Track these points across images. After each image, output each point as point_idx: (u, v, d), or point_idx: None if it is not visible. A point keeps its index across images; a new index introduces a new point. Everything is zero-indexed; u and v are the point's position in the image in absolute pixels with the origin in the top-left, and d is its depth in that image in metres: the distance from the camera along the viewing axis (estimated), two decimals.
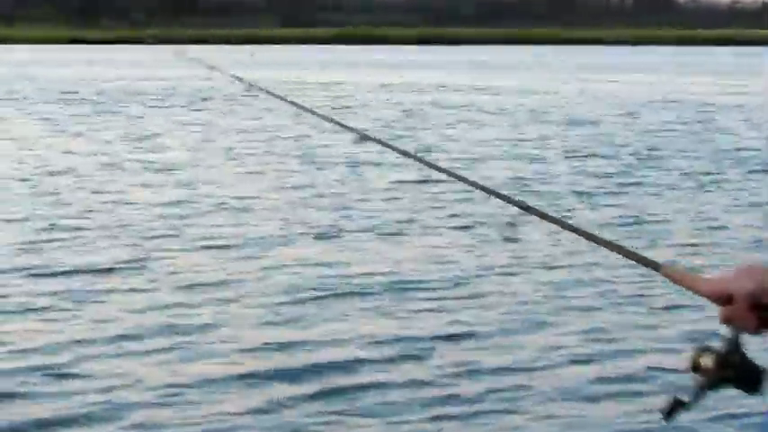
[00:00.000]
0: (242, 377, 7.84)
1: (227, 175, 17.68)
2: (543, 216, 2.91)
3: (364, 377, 7.91)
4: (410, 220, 13.81)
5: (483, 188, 3.36)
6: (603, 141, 23.24)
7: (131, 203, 14.70)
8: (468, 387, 7.75)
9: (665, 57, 72.43)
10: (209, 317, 9.29)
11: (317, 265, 11.31)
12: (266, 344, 8.59)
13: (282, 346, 8.52)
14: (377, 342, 8.68)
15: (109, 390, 7.53)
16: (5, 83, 40.92)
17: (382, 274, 10.96)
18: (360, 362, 8.21)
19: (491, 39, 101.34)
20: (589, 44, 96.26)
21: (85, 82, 41.99)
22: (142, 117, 27.86)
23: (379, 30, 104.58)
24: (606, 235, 3.50)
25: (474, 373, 8.05)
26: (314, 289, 10.29)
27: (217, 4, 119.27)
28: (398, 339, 8.76)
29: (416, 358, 8.33)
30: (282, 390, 7.62)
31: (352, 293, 10.18)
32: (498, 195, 3.13)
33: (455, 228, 13.38)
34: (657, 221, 14.14)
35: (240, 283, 10.49)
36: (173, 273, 10.84)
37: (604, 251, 2.58)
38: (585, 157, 20.67)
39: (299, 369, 8.02)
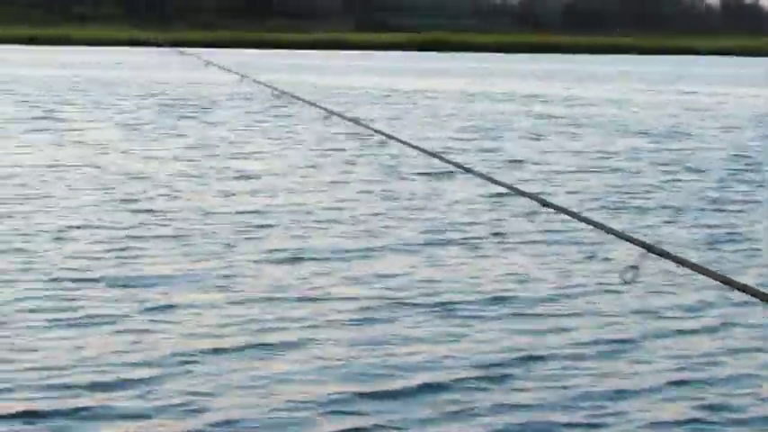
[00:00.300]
0: (327, 397, 7.57)
1: (305, 184, 17.46)
2: (676, 259, 2.60)
3: (450, 398, 7.65)
4: (494, 234, 13.51)
5: (603, 227, 3.09)
6: (696, 155, 22.82)
7: (210, 212, 14.52)
8: (557, 412, 7.46)
9: (761, 67, 71.55)
10: (292, 333, 9.04)
11: (401, 279, 11.03)
12: (351, 361, 8.33)
13: (369, 366, 8.25)
14: (463, 362, 8.40)
15: (190, 408, 7.32)
16: (79, 86, 41.26)
17: (467, 289, 10.68)
18: (447, 383, 7.93)
19: (576, 47, 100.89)
20: (678, 53, 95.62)
21: (160, 85, 42.20)
22: (218, 123, 27.80)
23: (457, 35, 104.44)
24: (698, 257, 3.22)
25: (562, 397, 7.74)
26: (399, 304, 10.02)
27: (291, 6, 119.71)
28: (484, 359, 8.47)
29: (502, 379, 8.06)
30: (369, 410, 7.38)
31: (437, 310, 9.89)
32: (620, 236, 2.85)
33: (539, 242, 13.05)
34: (749, 239, 13.72)
35: (323, 297, 10.25)
36: (253, 285, 10.61)
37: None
38: (677, 171, 20.26)
39: (385, 391, 7.74)
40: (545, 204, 3.84)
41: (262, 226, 13.69)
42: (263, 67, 56.23)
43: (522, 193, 4.01)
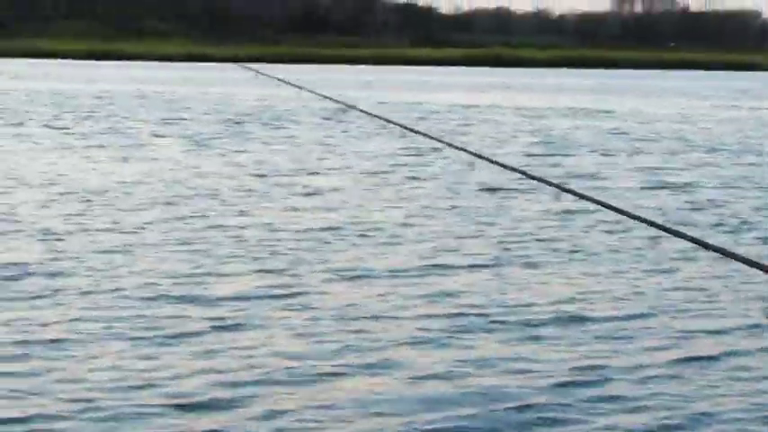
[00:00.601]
0: (404, 419, 7.47)
1: (372, 199, 17.38)
2: None
3: (526, 420, 7.55)
4: (565, 250, 13.38)
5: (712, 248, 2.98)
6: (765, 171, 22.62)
7: (277, 229, 14.46)
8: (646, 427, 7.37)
9: None
10: (366, 354, 8.92)
11: (472, 297, 10.92)
12: (425, 383, 8.19)
13: (444, 388, 8.12)
14: (537, 384, 8.28)
15: (267, 429, 7.23)
16: (143, 101, 41.46)
17: (540, 307, 10.56)
18: (523, 405, 7.81)
19: (633, 62, 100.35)
20: (735, 69, 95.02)
21: (223, 100, 42.37)
22: (282, 138, 27.82)
23: (514, 51, 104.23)
24: None
25: (649, 414, 7.65)
26: (471, 323, 9.91)
27: (346, 22, 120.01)
28: (559, 380, 8.34)
29: (579, 401, 7.90)
30: None
31: (511, 328, 9.79)
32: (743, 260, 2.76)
33: (610, 259, 12.91)
34: None
35: (395, 316, 10.13)
36: (324, 303, 10.53)
37: None
38: (747, 187, 20.08)
39: (461, 415, 7.59)
40: (655, 226, 3.71)
41: (330, 242, 13.63)
42: (323, 82, 56.33)
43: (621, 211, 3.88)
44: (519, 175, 6.25)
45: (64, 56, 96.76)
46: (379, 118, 8.82)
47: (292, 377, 8.22)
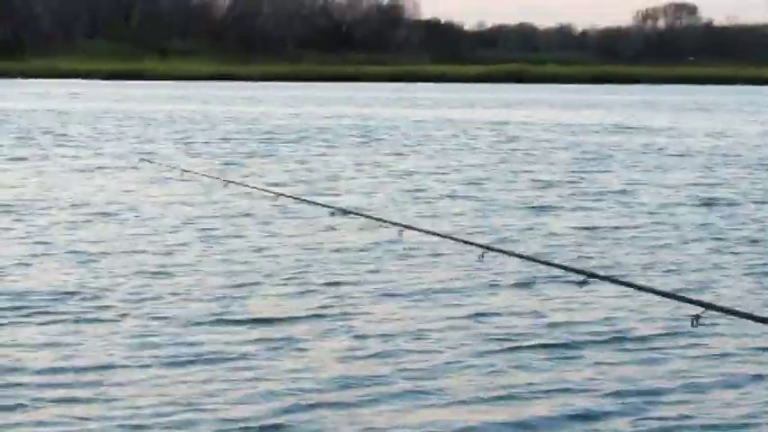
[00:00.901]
0: None
1: (403, 217, 17.30)
2: None
3: None
4: (598, 267, 13.25)
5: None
6: None
7: (313, 248, 14.39)
8: None
9: None
10: (410, 376, 8.80)
11: (512, 315, 10.84)
12: (476, 413, 8.05)
13: (490, 418, 7.97)
14: (587, 406, 8.14)
15: None
16: (170, 120, 41.55)
17: (583, 323, 10.54)
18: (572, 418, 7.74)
19: (658, 77, 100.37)
20: (757, 83, 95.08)
21: (253, 119, 42.42)
22: (314, 157, 27.79)
23: (537, 67, 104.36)
24: None
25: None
26: (515, 339, 9.84)
27: (371, 38, 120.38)
28: (610, 400, 8.25)
29: (633, 423, 7.80)
30: None
31: (556, 348, 9.69)
32: None
33: (645, 276, 12.77)
34: None
35: (437, 336, 10.03)
36: (365, 324, 10.44)
37: None
38: None
39: None
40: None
41: (368, 261, 13.55)
42: (349, 100, 56.38)
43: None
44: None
45: (87, 75, 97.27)
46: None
47: (337, 400, 8.11)
